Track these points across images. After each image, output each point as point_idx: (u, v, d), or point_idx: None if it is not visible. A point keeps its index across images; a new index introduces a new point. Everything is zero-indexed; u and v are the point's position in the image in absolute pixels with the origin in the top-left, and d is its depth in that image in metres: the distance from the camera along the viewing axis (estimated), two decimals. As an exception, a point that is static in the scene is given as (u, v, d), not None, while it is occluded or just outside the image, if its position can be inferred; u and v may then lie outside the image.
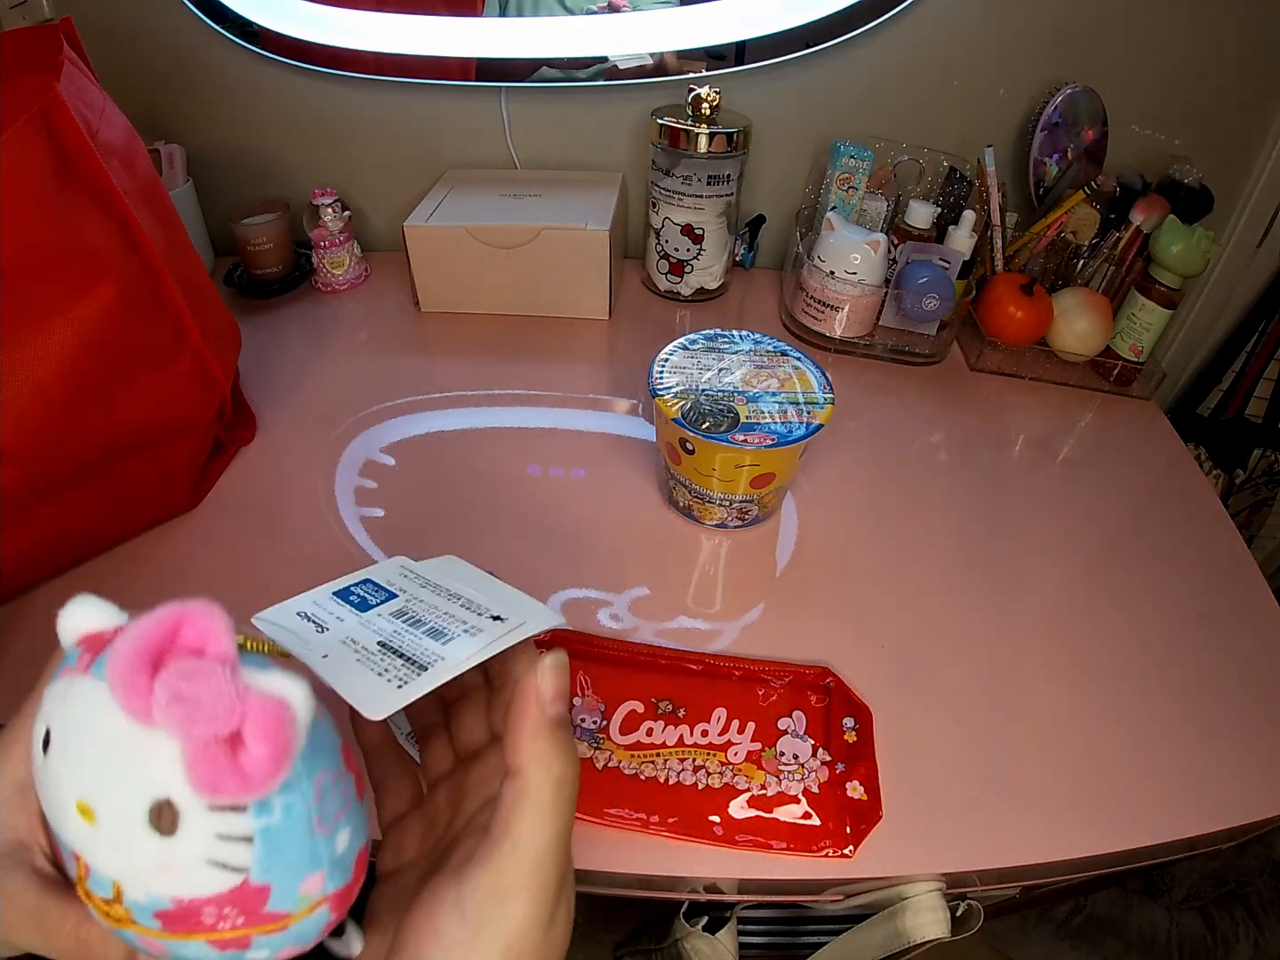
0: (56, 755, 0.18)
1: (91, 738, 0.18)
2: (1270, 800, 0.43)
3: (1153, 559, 0.57)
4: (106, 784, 0.18)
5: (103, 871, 0.18)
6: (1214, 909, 0.95)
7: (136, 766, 0.17)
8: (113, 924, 0.18)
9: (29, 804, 0.20)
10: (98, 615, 0.20)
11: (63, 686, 0.19)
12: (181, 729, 0.17)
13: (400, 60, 0.76)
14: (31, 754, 0.19)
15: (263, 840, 0.18)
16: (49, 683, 0.19)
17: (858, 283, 0.70)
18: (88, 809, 0.18)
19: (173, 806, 0.17)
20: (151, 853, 0.17)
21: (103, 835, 0.18)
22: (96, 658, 0.18)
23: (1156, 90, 0.74)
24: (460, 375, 0.71)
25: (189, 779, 0.17)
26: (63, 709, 0.18)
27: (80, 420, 0.44)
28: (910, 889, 0.41)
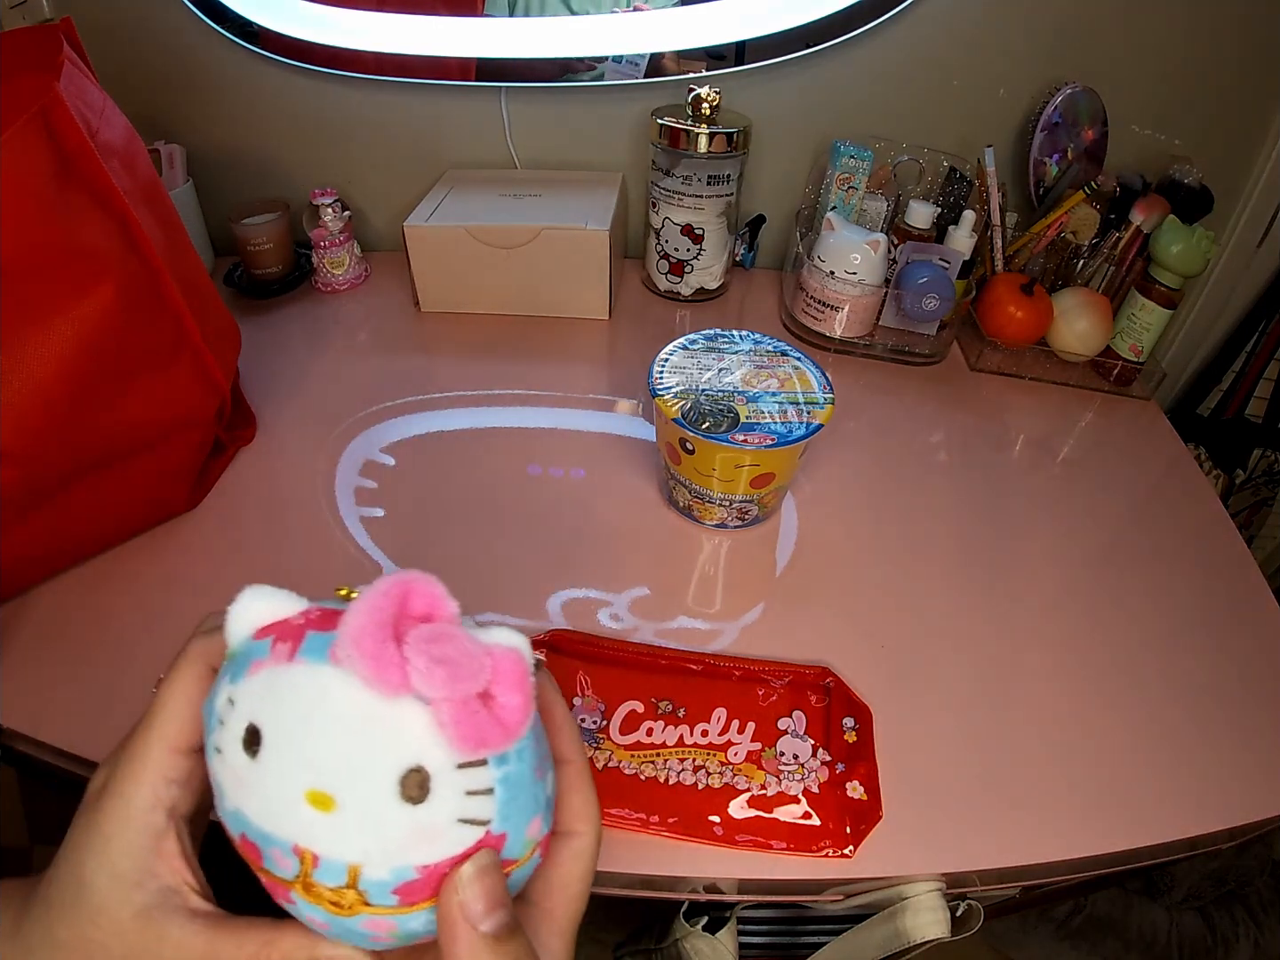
0: (275, 751, 0.18)
1: (326, 722, 0.18)
2: (1270, 800, 0.43)
3: (1153, 559, 0.57)
4: (349, 765, 0.17)
5: (338, 858, 0.18)
6: (1214, 909, 0.95)
7: (384, 740, 0.18)
8: (337, 911, 0.18)
9: (168, 846, 0.20)
10: (277, 604, 0.20)
11: (264, 681, 0.18)
12: (446, 690, 0.17)
13: (400, 60, 0.76)
14: (216, 759, 0.19)
15: (501, 789, 0.18)
16: (226, 683, 0.19)
17: (858, 283, 0.70)
18: (323, 797, 0.17)
19: (423, 772, 0.17)
20: (404, 824, 0.17)
21: (344, 819, 0.17)
22: (299, 644, 0.18)
23: (1156, 90, 0.74)
24: (460, 375, 0.71)
25: (453, 738, 0.17)
26: (275, 702, 0.18)
27: (80, 420, 0.44)
28: (910, 889, 0.41)
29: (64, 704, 0.45)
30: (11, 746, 0.45)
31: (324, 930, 0.19)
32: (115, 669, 0.47)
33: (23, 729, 0.43)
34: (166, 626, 0.49)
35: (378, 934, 0.19)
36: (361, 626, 0.17)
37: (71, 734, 0.43)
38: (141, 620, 0.49)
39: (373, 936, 0.19)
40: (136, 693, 0.46)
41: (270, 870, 0.18)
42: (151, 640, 0.48)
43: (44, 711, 0.44)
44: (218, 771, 0.19)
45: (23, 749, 0.45)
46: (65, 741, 0.43)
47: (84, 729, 0.44)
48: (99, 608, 0.50)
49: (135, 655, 0.47)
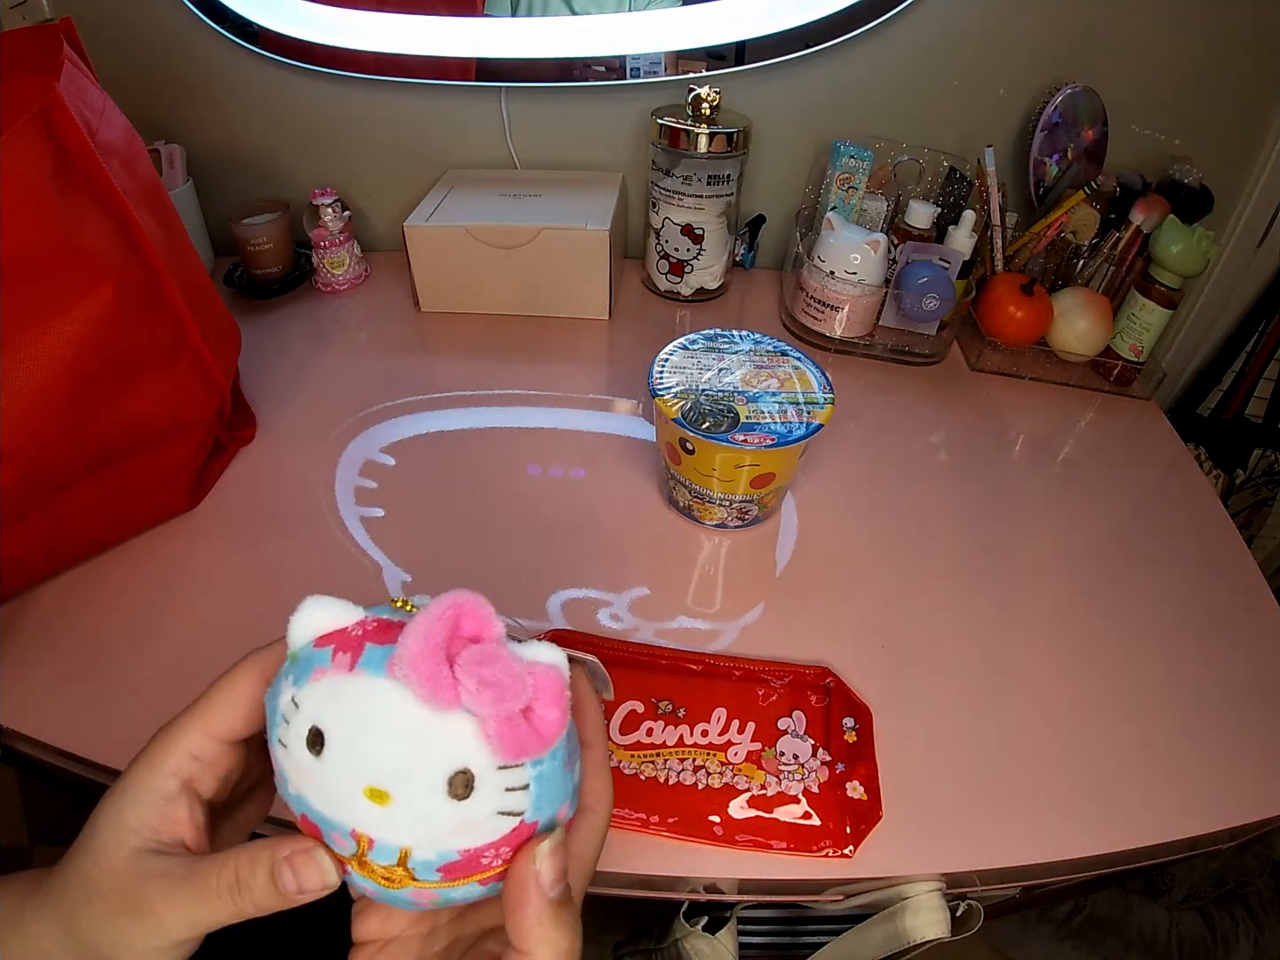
0: (337, 752, 0.20)
1: (385, 730, 0.20)
2: (1270, 800, 0.43)
3: (1153, 559, 0.57)
4: (405, 767, 0.20)
5: (392, 842, 0.20)
6: (1214, 909, 0.95)
7: (435, 746, 0.20)
8: (388, 885, 0.21)
9: (177, 812, 0.23)
10: (336, 613, 0.22)
11: (327, 688, 0.21)
12: (492, 708, 0.20)
13: (400, 60, 0.76)
14: (281, 751, 0.21)
15: (536, 785, 0.21)
16: (289, 684, 0.21)
17: (858, 283, 0.70)
18: (380, 793, 0.20)
19: (468, 773, 0.20)
20: (449, 816, 0.20)
21: (398, 812, 0.20)
22: (359, 656, 0.21)
23: (1156, 90, 0.74)
24: (460, 375, 0.71)
25: (495, 748, 0.20)
26: (338, 709, 0.20)
27: (80, 420, 0.44)
28: (910, 889, 0.41)
29: (64, 704, 0.45)
30: (11, 746, 0.45)
31: (374, 897, 0.22)
32: (115, 669, 0.47)
33: (23, 729, 0.43)
34: (167, 627, 0.49)
35: (421, 901, 0.22)
36: (418, 650, 0.20)
37: (71, 734, 0.43)
38: (142, 620, 0.49)
39: (416, 903, 0.22)
40: (137, 693, 0.46)
41: (329, 847, 0.21)
42: (152, 640, 0.48)
43: (44, 711, 0.44)
44: (281, 761, 0.21)
45: (23, 749, 0.45)
46: (65, 741, 0.43)
47: (84, 729, 0.44)
48: (99, 608, 0.50)
49: (135, 655, 0.47)
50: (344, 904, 0.26)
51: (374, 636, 0.21)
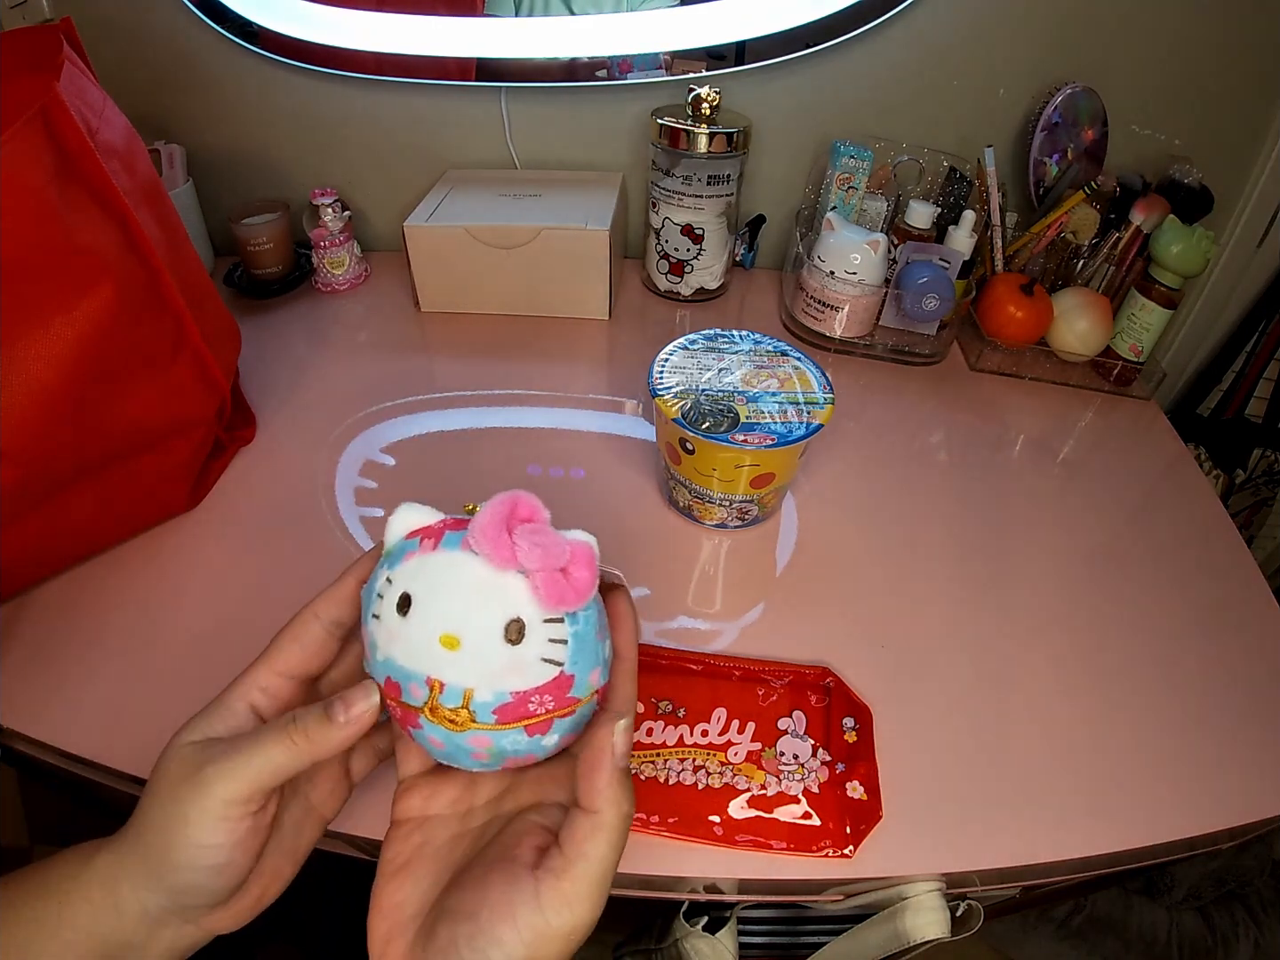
0: (420, 609, 0.26)
1: (456, 587, 0.26)
2: (1270, 800, 0.43)
3: (1153, 559, 0.57)
4: (472, 615, 0.25)
5: (458, 684, 0.25)
6: (1214, 909, 0.95)
7: (497, 598, 0.26)
8: (452, 728, 0.25)
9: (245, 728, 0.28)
10: (423, 516, 0.28)
11: (415, 564, 0.27)
12: (539, 564, 0.25)
13: (400, 60, 0.76)
14: (374, 623, 0.26)
15: (573, 641, 0.26)
16: (384, 569, 0.27)
17: (858, 283, 0.70)
18: (453, 638, 0.25)
19: (520, 622, 0.25)
20: (505, 658, 0.25)
21: (465, 654, 0.25)
22: (440, 540, 0.27)
23: (1156, 90, 0.74)
24: (460, 375, 0.71)
25: (541, 599, 0.26)
26: (423, 575, 0.26)
27: (80, 420, 0.44)
28: (910, 889, 0.41)
29: (64, 704, 0.45)
30: (11, 746, 0.45)
31: (439, 749, 0.27)
32: (115, 669, 0.47)
33: (23, 729, 0.43)
34: (166, 626, 0.49)
35: (478, 750, 0.26)
36: (486, 522, 0.26)
37: (71, 734, 0.43)
38: (141, 620, 0.49)
39: (474, 753, 0.26)
40: (137, 693, 0.46)
41: (406, 702, 0.26)
42: (152, 640, 0.48)
43: (44, 711, 0.44)
44: (374, 633, 0.27)
45: (23, 749, 0.45)
46: (65, 741, 0.43)
47: (84, 729, 0.44)
48: (99, 608, 0.50)
49: (135, 655, 0.47)
50: (363, 879, 0.28)
51: (451, 527, 0.27)
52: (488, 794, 0.30)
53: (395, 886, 0.27)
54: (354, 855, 0.44)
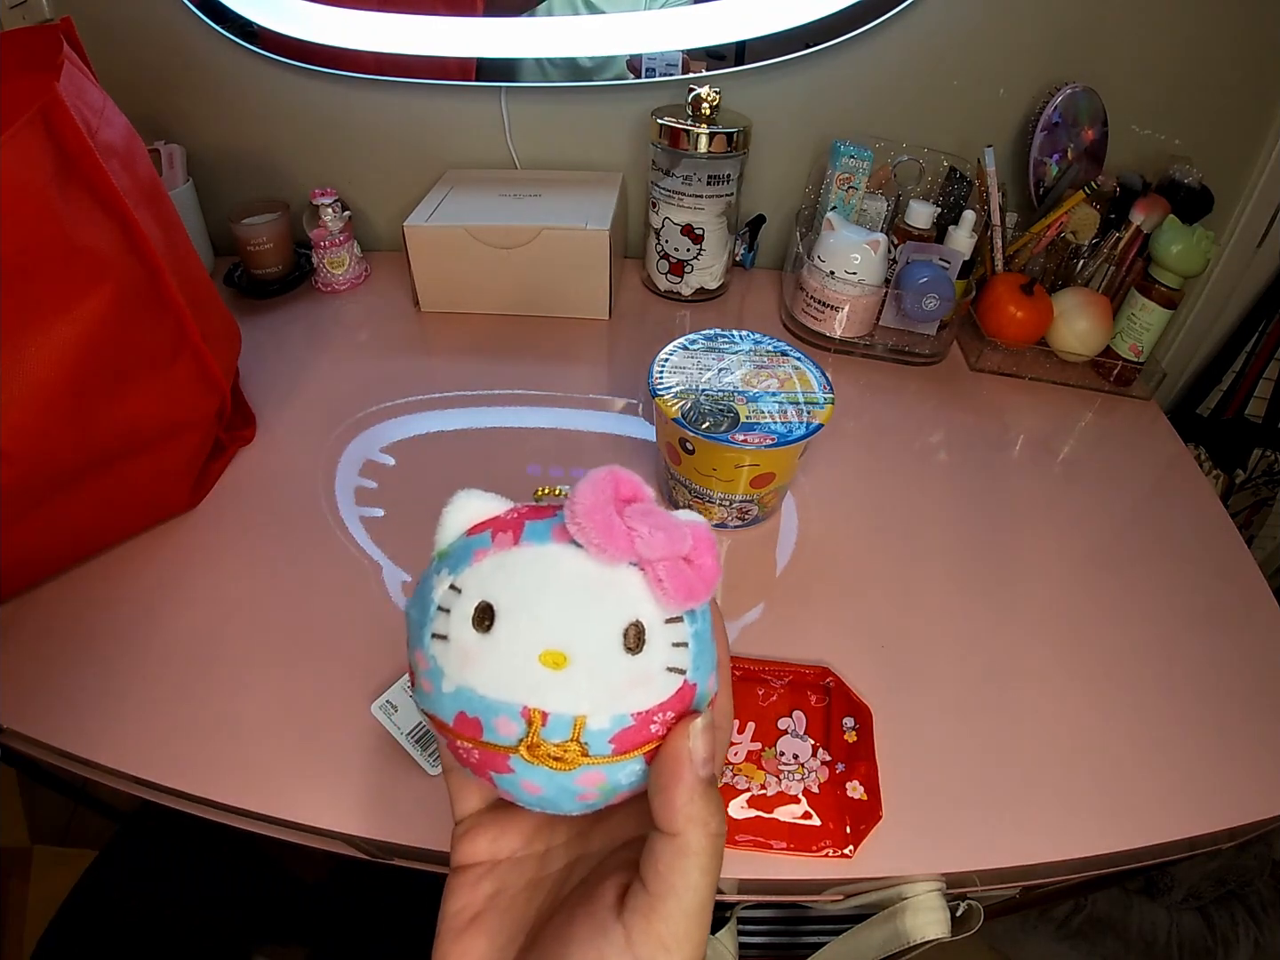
0: (510, 621, 0.20)
1: (559, 588, 0.20)
2: (1270, 800, 0.43)
3: (1153, 559, 0.57)
4: (581, 624, 0.20)
5: (567, 711, 0.20)
6: (1214, 909, 0.95)
7: (611, 599, 0.21)
8: (557, 767, 0.20)
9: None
10: (487, 504, 0.23)
11: (492, 564, 0.21)
12: (664, 550, 0.21)
13: (400, 60, 0.76)
14: (437, 646, 0.21)
15: (694, 643, 0.22)
16: (444, 574, 0.21)
17: (858, 283, 0.70)
18: (557, 655, 0.20)
19: (640, 625, 0.21)
20: (625, 672, 0.20)
21: (575, 674, 0.20)
22: (521, 531, 0.21)
23: (1156, 90, 0.74)
24: (460, 375, 0.71)
25: (669, 590, 0.21)
26: (508, 578, 0.21)
27: (80, 420, 0.44)
28: (910, 889, 0.41)
29: (64, 704, 0.45)
30: (11, 746, 0.45)
31: (534, 795, 0.21)
32: (115, 669, 0.47)
33: (23, 729, 0.43)
34: (166, 626, 0.49)
35: (587, 790, 0.21)
36: (592, 503, 0.20)
37: (71, 734, 0.43)
38: (142, 620, 0.49)
39: (581, 794, 0.21)
40: (136, 693, 0.46)
41: (491, 741, 0.20)
42: (152, 640, 0.48)
43: (44, 711, 0.44)
44: (438, 657, 0.21)
45: (23, 749, 0.45)
46: (65, 741, 0.43)
47: (84, 729, 0.44)
48: (99, 608, 0.50)
49: (135, 655, 0.47)
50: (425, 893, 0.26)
51: (530, 515, 0.22)
52: (569, 830, 0.25)
53: (464, 947, 0.23)
54: (354, 855, 0.44)
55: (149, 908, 0.59)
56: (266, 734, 0.44)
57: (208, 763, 0.42)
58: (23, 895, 1.04)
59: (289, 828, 0.42)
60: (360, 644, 0.48)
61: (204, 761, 0.42)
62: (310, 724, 0.44)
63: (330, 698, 0.45)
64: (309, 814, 0.40)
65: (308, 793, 0.41)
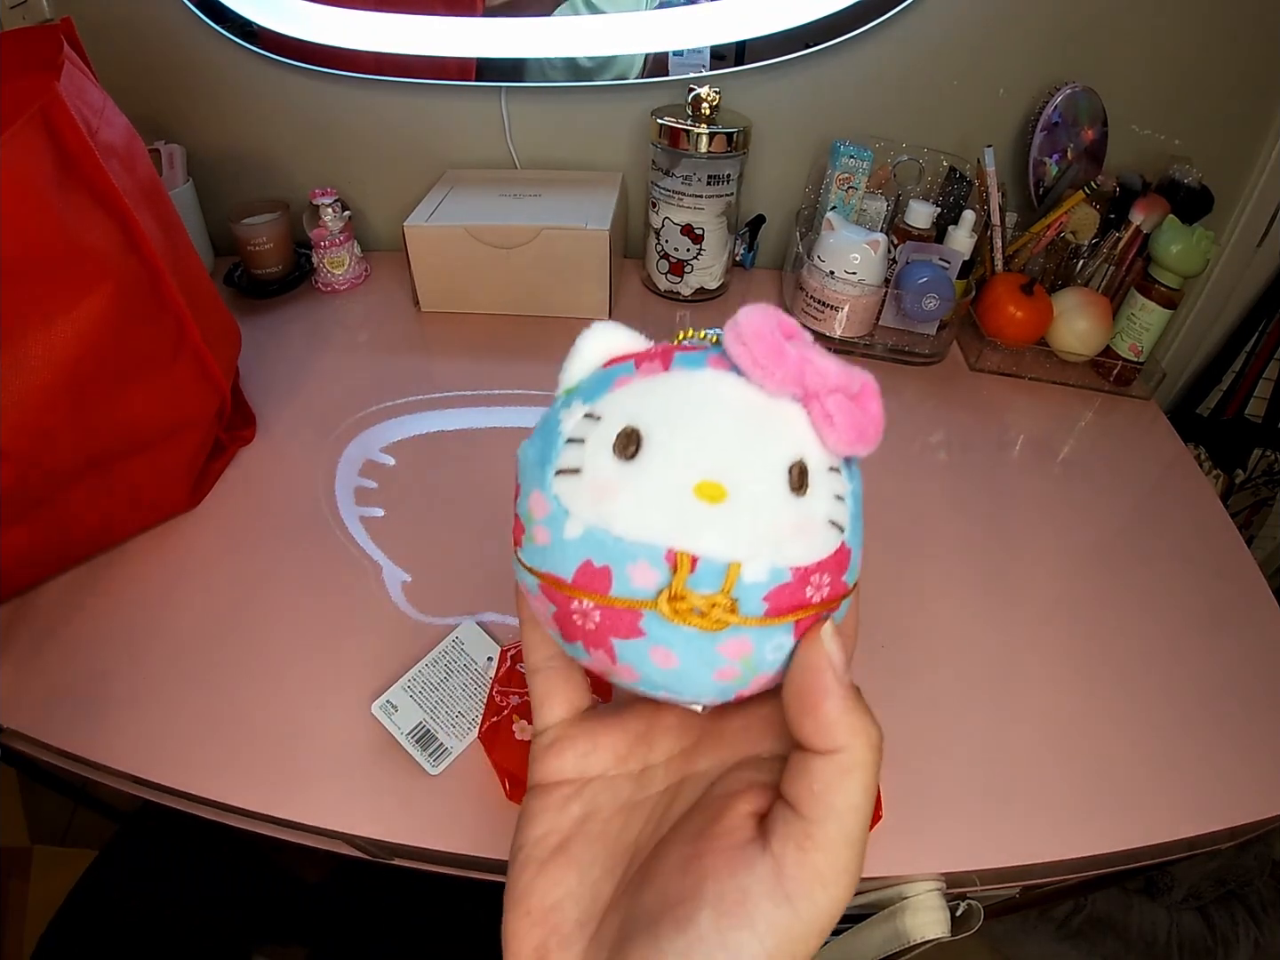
0: (660, 447, 0.17)
1: (719, 414, 0.18)
2: (1270, 800, 0.43)
3: (1153, 559, 0.57)
4: (744, 454, 0.17)
5: (720, 556, 0.17)
6: (1214, 909, 0.95)
7: (776, 430, 0.18)
8: (702, 625, 0.17)
9: None
10: (628, 339, 0.20)
11: (638, 389, 0.18)
12: (839, 380, 0.18)
13: (400, 60, 0.76)
14: (566, 483, 0.18)
15: (851, 502, 0.19)
16: (577, 404, 0.19)
17: (858, 283, 0.70)
18: (715, 487, 0.17)
19: (804, 465, 0.18)
20: (790, 514, 0.18)
21: (735, 510, 0.17)
22: (671, 360, 0.19)
23: (1156, 90, 0.74)
24: (460, 375, 0.71)
25: (833, 434, 0.18)
26: (660, 402, 0.18)
27: (80, 420, 0.44)
28: (910, 889, 0.41)
29: (64, 704, 0.45)
30: (11, 746, 0.45)
31: (664, 670, 0.18)
32: (115, 669, 0.47)
33: (23, 729, 0.43)
34: (166, 626, 0.49)
35: (729, 664, 0.18)
36: (760, 324, 0.18)
37: (71, 734, 0.43)
38: (142, 620, 0.49)
39: (721, 670, 0.18)
40: (136, 692, 0.46)
41: (622, 595, 0.17)
42: (152, 640, 0.48)
43: (44, 711, 0.44)
44: (564, 496, 0.18)
45: (23, 749, 0.45)
46: (65, 741, 0.43)
47: (84, 729, 0.44)
48: (99, 608, 0.50)
49: (135, 655, 0.47)
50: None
51: (679, 349, 0.19)
52: (670, 747, 0.22)
53: (549, 880, 0.19)
54: (354, 855, 0.44)
55: (149, 908, 0.59)
56: (266, 734, 0.44)
57: (208, 763, 0.42)
58: (23, 895, 1.05)
59: (289, 828, 0.42)
60: (360, 644, 0.48)
61: (204, 761, 0.42)
62: (311, 724, 0.44)
63: (330, 698, 0.45)
64: (309, 814, 0.40)
65: (308, 793, 0.41)
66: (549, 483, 0.18)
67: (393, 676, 0.46)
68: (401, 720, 0.44)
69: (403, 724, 0.44)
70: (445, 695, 0.45)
